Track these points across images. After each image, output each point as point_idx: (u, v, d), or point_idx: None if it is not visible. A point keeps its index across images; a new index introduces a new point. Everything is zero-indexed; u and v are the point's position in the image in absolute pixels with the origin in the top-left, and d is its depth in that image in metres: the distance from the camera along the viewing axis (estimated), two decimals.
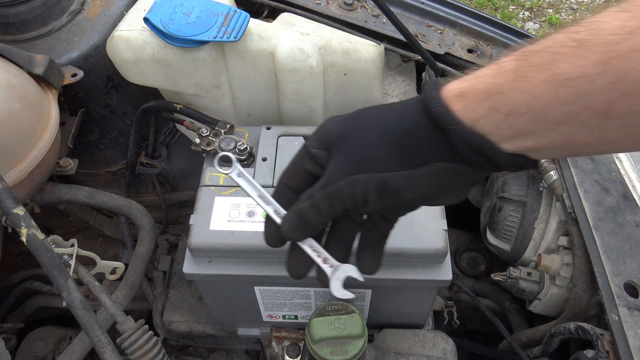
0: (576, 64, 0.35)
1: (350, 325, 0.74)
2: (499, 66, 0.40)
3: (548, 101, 0.36)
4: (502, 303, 1.20)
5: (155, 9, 0.91)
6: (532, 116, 0.38)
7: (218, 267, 0.77)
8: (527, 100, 0.37)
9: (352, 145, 0.46)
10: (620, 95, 0.33)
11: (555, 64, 0.36)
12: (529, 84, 0.37)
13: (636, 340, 0.75)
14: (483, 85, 0.40)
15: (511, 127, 0.39)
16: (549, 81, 0.36)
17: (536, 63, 0.37)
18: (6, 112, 0.77)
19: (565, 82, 0.35)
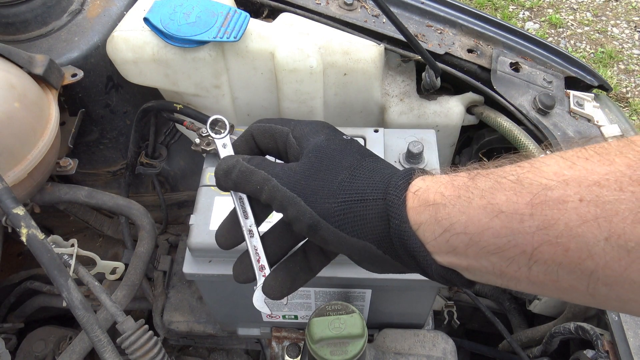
0: (511, 199, 0.35)
1: (350, 325, 0.74)
2: (452, 179, 0.40)
3: (481, 229, 0.36)
4: (502, 303, 1.20)
5: (155, 9, 0.91)
6: (466, 239, 0.38)
7: (218, 267, 0.77)
8: (464, 222, 0.37)
9: (319, 171, 0.47)
10: (545, 242, 0.33)
11: (494, 193, 0.36)
12: (468, 207, 0.37)
13: (636, 340, 0.75)
14: (434, 192, 0.40)
15: (447, 243, 0.39)
16: (485, 209, 0.36)
17: (480, 186, 0.37)
18: (6, 112, 0.77)
19: (498, 214, 0.35)
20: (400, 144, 0.89)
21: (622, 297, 0.33)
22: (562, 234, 0.32)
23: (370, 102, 1.06)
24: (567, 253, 0.33)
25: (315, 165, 0.47)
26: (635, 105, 2.84)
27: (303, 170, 0.47)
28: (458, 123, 1.09)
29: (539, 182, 0.33)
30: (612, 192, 0.31)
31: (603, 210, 0.31)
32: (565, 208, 0.32)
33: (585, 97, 1.07)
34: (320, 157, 0.48)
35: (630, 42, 3.21)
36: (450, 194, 0.39)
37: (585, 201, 0.31)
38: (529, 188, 0.34)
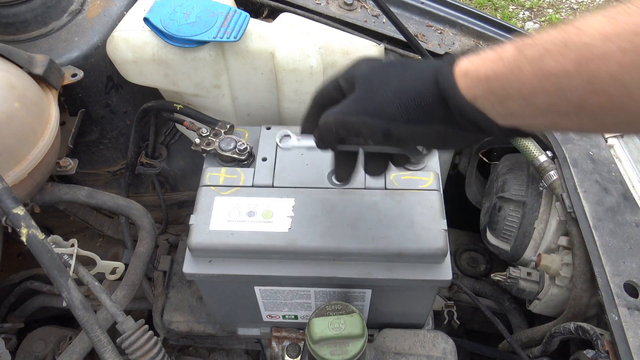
0: (559, 61, 0.39)
1: (350, 325, 0.74)
2: (499, 54, 0.45)
3: (535, 91, 0.42)
4: (502, 303, 1.20)
5: (155, 9, 0.91)
6: (522, 102, 0.44)
7: (218, 267, 0.77)
8: (518, 88, 0.43)
9: (372, 91, 0.54)
10: (592, 94, 0.38)
11: (543, 59, 0.41)
12: (521, 75, 0.42)
13: (636, 340, 0.75)
14: (484, 69, 0.46)
15: (505, 108, 0.46)
16: (536, 74, 0.41)
17: (528, 56, 0.42)
18: (6, 112, 0.77)
19: (549, 76, 0.40)
20: None
21: None
22: (606, 84, 0.37)
23: None
24: (612, 99, 0.38)
25: (366, 86, 0.55)
26: None
27: (358, 96, 0.55)
28: None
29: (583, 42, 0.38)
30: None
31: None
32: (608, 61, 0.36)
33: None
34: (367, 79, 0.55)
35: None
36: (502, 67, 0.44)
37: (626, 51, 0.35)
38: (574, 49, 0.38)
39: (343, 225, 0.77)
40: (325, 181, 0.83)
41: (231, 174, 0.84)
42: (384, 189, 0.81)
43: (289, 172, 0.84)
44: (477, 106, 0.47)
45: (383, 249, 0.75)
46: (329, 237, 0.76)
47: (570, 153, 0.96)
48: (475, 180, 1.30)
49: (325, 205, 0.79)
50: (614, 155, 0.99)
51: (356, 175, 0.67)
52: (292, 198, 0.80)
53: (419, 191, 0.81)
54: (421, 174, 0.83)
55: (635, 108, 0.37)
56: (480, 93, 0.46)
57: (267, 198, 0.80)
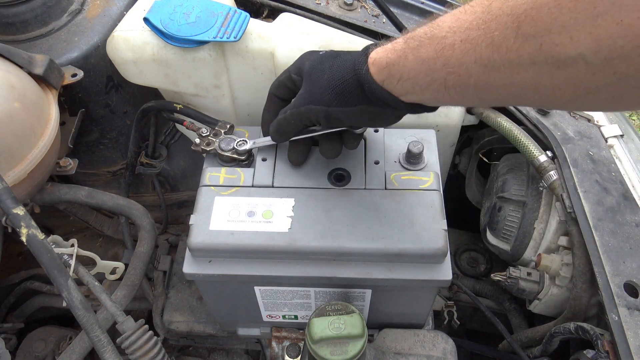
0: (428, 49, 0.52)
1: (350, 325, 0.74)
2: (393, 45, 0.58)
3: (416, 73, 0.55)
4: (502, 303, 1.20)
5: (155, 9, 0.91)
6: (410, 82, 0.57)
7: (218, 267, 0.77)
8: (406, 72, 0.56)
9: (313, 82, 0.69)
10: (448, 74, 0.51)
11: (419, 48, 0.54)
12: (407, 61, 0.56)
13: (636, 340, 0.75)
14: (385, 58, 0.59)
15: (402, 88, 0.58)
16: (416, 60, 0.54)
17: (411, 46, 0.55)
18: (6, 112, 0.77)
19: (423, 62, 0.53)
20: (400, 144, 0.89)
21: (493, 98, 0.52)
22: (455, 65, 0.50)
23: None
24: (460, 81, 0.51)
25: (310, 81, 0.69)
26: None
27: (305, 90, 0.70)
28: (458, 123, 1.09)
29: (440, 35, 0.51)
30: (474, 31, 0.47)
31: (471, 44, 0.47)
32: (454, 48, 0.49)
33: None
34: (309, 72, 0.70)
35: None
36: (394, 56, 0.57)
37: (463, 41, 0.48)
38: (435, 40, 0.51)
39: (343, 225, 0.77)
40: (325, 181, 0.83)
41: (231, 174, 0.84)
42: (384, 189, 0.81)
43: (289, 172, 0.84)
44: (385, 87, 0.60)
45: (383, 249, 0.75)
46: (329, 237, 0.76)
47: (570, 153, 0.96)
48: (475, 180, 1.30)
49: (325, 205, 0.79)
50: (614, 155, 0.99)
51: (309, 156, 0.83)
52: (292, 198, 0.80)
53: (419, 191, 0.81)
54: (421, 174, 0.84)
55: (473, 83, 0.49)
56: (385, 77, 0.59)
57: (267, 198, 0.80)
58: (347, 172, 0.84)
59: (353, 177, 0.83)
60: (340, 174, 0.84)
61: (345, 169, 0.84)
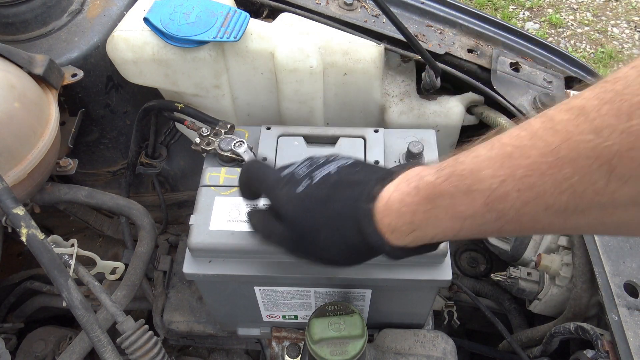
0: (470, 205, 0.45)
1: (350, 325, 0.74)
2: (413, 206, 0.49)
3: (457, 231, 0.48)
4: (502, 303, 1.20)
5: (155, 9, 0.91)
6: (439, 237, 0.50)
7: (218, 267, 0.77)
8: (441, 232, 0.49)
9: (305, 238, 0.58)
10: (505, 223, 0.44)
11: (455, 206, 0.46)
12: (440, 222, 0.48)
13: (636, 340, 0.75)
14: (406, 221, 0.50)
15: (414, 241, 0.52)
16: (454, 218, 0.47)
17: (442, 204, 0.47)
18: (6, 112, 0.77)
19: (465, 218, 0.46)
20: (400, 144, 0.89)
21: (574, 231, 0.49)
22: (513, 218, 0.43)
23: (370, 102, 1.06)
24: (522, 228, 0.44)
25: (297, 232, 0.58)
26: None
27: (293, 239, 0.60)
28: (458, 123, 1.09)
29: (485, 187, 0.43)
30: (537, 178, 0.40)
31: (535, 193, 0.40)
32: (509, 199, 0.42)
33: None
34: (295, 224, 0.58)
35: (630, 42, 3.21)
36: (421, 218, 0.49)
37: (522, 190, 0.41)
38: (480, 194, 0.44)
39: None
40: None
41: (231, 174, 0.84)
42: None
43: None
44: (395, 243, 0.52)
45: None
46: None
47: None
48: None
49: None
50: None
51: None
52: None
53: None
54: None
55: (542, 229, 0.44)
56: (409, 241, 0.52)
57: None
58: None
59: None
60: None
61: None
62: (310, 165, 0.59)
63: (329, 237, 0.56)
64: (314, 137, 0.89)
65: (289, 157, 0.86)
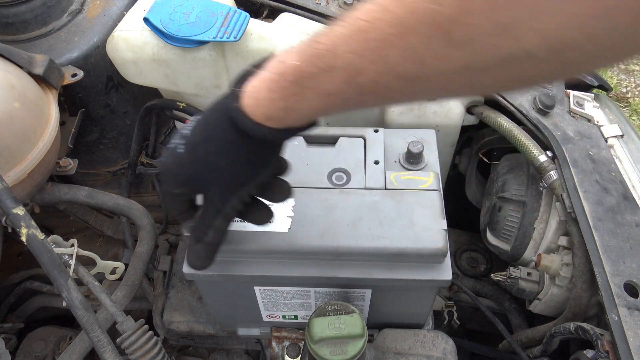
0: (332, 83, 0.46)
1: (350, 325, 0.74)
2: (281, 91, 0.50)
3: (326, 108, 0.51)
4: (502, 303, 1.20)
5: (155, 9, 0.91)
6: (309, 116, 0.54)
7: (218, 267, 0.77)
8: (313, 111, 0.52)
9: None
10: (366, 96, 0.47)
11: (320, 85, 0.47)
12: (310, 101, 0.49)
13: (636, 340, 0.75)
14: (279, 107, 0.51)
15: (293, 121, 0.54)
16: (320, 96, 0.48)
17: (308, 85, 0.48)
18: (6, 112, 0.77)
19: (330, 95, 0.48)
20: (400, 144, 0.89)
21: (420, 99, 0.53)
22: (372, 90, 0.45)
23: None
24: (380, 98, 0.49)
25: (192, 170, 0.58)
26: (635, 105, 2.84)
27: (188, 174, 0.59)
28: (458, 123, 1.09)
29: (343, 64, 0.45)
30: (387, 49, 0.41)
31: (387, 63, 0.42)
32: (365, 72, 0.43)
33: (585, 97, 1.07)
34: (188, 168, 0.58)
35: None
36: (290, 103, 0.50)
37: (375, 62, 0.43)
38: (339, 71, 0.45)
39: (343, 225, 0.77)
40: (325, 181, 0.83)
41: None
42: (384, 188, 0.81)
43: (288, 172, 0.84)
44: (270, 126, 0.53)
45: (383, 248, 0.75)
46: (328, 237, 0.75)
47: (570, 153, 0.96)
48: (475, 180, 1.30)
49: (325, 205, 0.79)
50: (614, 155, 0.99)
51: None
52: (292, 198, 0.80)
53: (419, 191, 0.81)
54: (421, 174, 0.83)
55: (397, 97, 0.49)
56: (272, 123, 0.53)
57: None
58: (347, 172, 0.84)
59: (353, 177, 0.83)
60: (340, 174, 0.84)
61: (345, 169, 0.84)
62: (180, 129, 0.61)
63: (218, 156, 0.56)
64: (313, 137, 0.89)
65: (289, 157, 0.86)
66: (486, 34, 0.36)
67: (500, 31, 0.36)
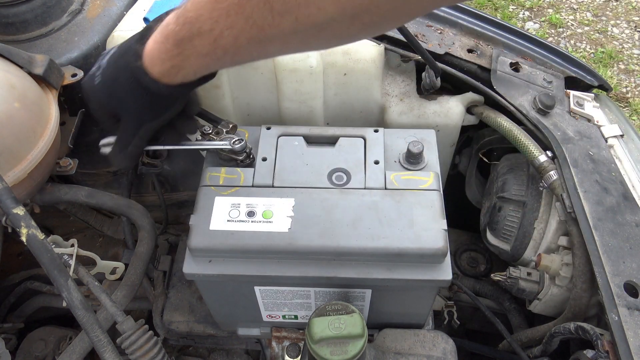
0: (204, 45, 0.53)
1: (350, 325, 0.74)
2: (168, 52, 0.57)
3: (207, 66, 0.58)
4: (502, 303, 1.20)
5: (155, 9, 0.91)
6: (192, 74, 0.60)
7: (218, 267, 0.77)
8: (198, 68, 0.58)
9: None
10: (231, 55, 0.54)
11: (196, 47, 0.54)
12: (192, 60, 0.56)
13: (636, 340, 0.75)
14: (169, 65, 0.59)
15: (181, 78, 0.61)
16: (199, 56, 0.55)
17: (187, 47, 0.55)
18: (6, 112, 0.77)
19: (205, 55, 0.55)
20: (400, 144, 0.89)
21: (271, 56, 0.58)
22: (234, 51, 0.53)
23: (370, 102, 1.06)
24: (243, 58, 0.55)
25: (107, 107, 0.70)
26: (635, 105, 2.84)
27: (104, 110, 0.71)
28: (458, 123, 1.09)
29: (207, 28, 0.52)
30: (234, 17, 0.49)
31: (238, 30, 0.50)
32: (224, 36, 0.51)
33: (585, 97, 1.07)
34: (105, 103, 0.70)
35: (630, 42, 3.21)
36: (176, 62, 0.58)
37: (230, 28, 0.50)
38: (206, 35, 0.52)
39: (343, 225, 0.77)
40: (325, 181, 0.83)
41: (231, 174, 0.84)
42: (384, 188, 0.81)
43: (289, 172, 0.84)
44: (165, 83, 0.61)
45: (383, 248, 0.75)
46: (328, 237, 0.76)
47: (570, 153, 0.96)
48: (475, 180, 1.30)
49: (325, 205, 0.79)
50: (614, 155, 0.99)
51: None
52: (292, 198, 0.80)
53: (419, 191, 0.81)
54: (421, 174, 0.83)
55: (253, 57, 0.55)
56: (168, 79, 0.61)
57: (267, 198, 0.80)
58: (347, 172, 0.84)
59: (353, 177, 0.83)
60: (340, 174, 0.84)
61: (345, 169, 0.84)
62: (100, 57, 0.69)
63: (126, 99, 0.66)
64: (314, 137, 0.89)
65: (289, 157, 0.86)
66: (298, 6, 0.45)
67: (308, 3, 0.45)
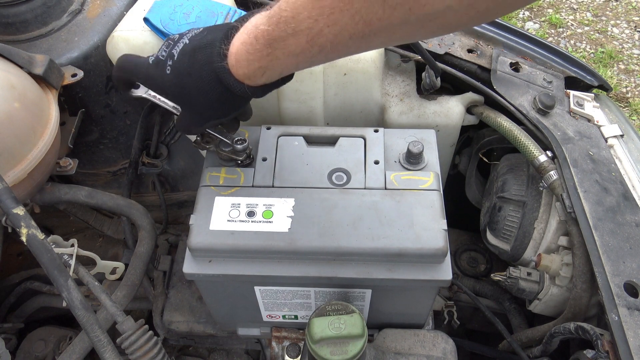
0: (298, 44, 0.55)
1: (350, 325, 0.74)
2: (257, 54, 0.58)
3: (296, 65, 0.59)
4: (502, 303, 1.20)
5: (155, 9, 0.91)
6: (279, 74, 0.62)
7: (218, 267, 0.77)
8: (285, 69, 0.60)
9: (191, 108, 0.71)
10: (327, 53, 0.55)
11: (288, 47, 0.55)
12: (281, 61, 0.58)
13: (636, 340, 0.75)
14: (256, 67, 0.60)
15: (266, 79, 0.63)
16: (289, 56, 0.56)
17: (278, 47, 0.56)
18: (6, 112, 0.77)
19: (298, 55, 0.56)
20: (400, 144, 0.89)
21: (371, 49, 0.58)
22: (331, 49, 0.54)
23: (370, 102, 1.06)
24: (340, 54, 0.56)
25: (179, 100, 0.71)
26: (635, 105, 2.84)
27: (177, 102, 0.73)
28: (458, 123, 1.09)
29: (304, 27, 0.52)
30: (338, 14, 0.50)
31: (340, 26, 0.51)
32: (324, 34, 0.52)
33: (585, 97, 1.07)
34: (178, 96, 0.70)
35: (630, 42, 3.21)
36: (264, 64, 0.59)
37: (330, 26, 0.51)
38: (302, 33, 0.53)
39: (343, 225, 0.77)
40: (325, 181, 0.83)
41: (231, 174, 0.84)
42: (384, 188, 0.81)
43: (289, 172, 0.84)
44: (249, 84, 0.63)
45: (383, 248, 0.75)
46: (328, 237, 0.76)
47: (570, 153, 0.96)
48: (475, 180, 1.30)
49: (325, 205, 0.79)
50: (614, 155, 0.99)
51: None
52: (292, 198, 0.80)
53: (419, 191, 0.81)
54: (421, 174, 0.83)
55: (353, 51, 0.56)
56: (253, 81, 0.63)
57: (267, 198, 0.80)
58: (347, 172, 0.84)
59: (353, 177, 0.83)
60: (340, 174, 0.84)
61: (345, 169, 0.84)
62: (168, 45, 0.68)
63: (199, 96, 0.66)
64: (314, 137, 0.89)
65: (289, 157, 0.86)
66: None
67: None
